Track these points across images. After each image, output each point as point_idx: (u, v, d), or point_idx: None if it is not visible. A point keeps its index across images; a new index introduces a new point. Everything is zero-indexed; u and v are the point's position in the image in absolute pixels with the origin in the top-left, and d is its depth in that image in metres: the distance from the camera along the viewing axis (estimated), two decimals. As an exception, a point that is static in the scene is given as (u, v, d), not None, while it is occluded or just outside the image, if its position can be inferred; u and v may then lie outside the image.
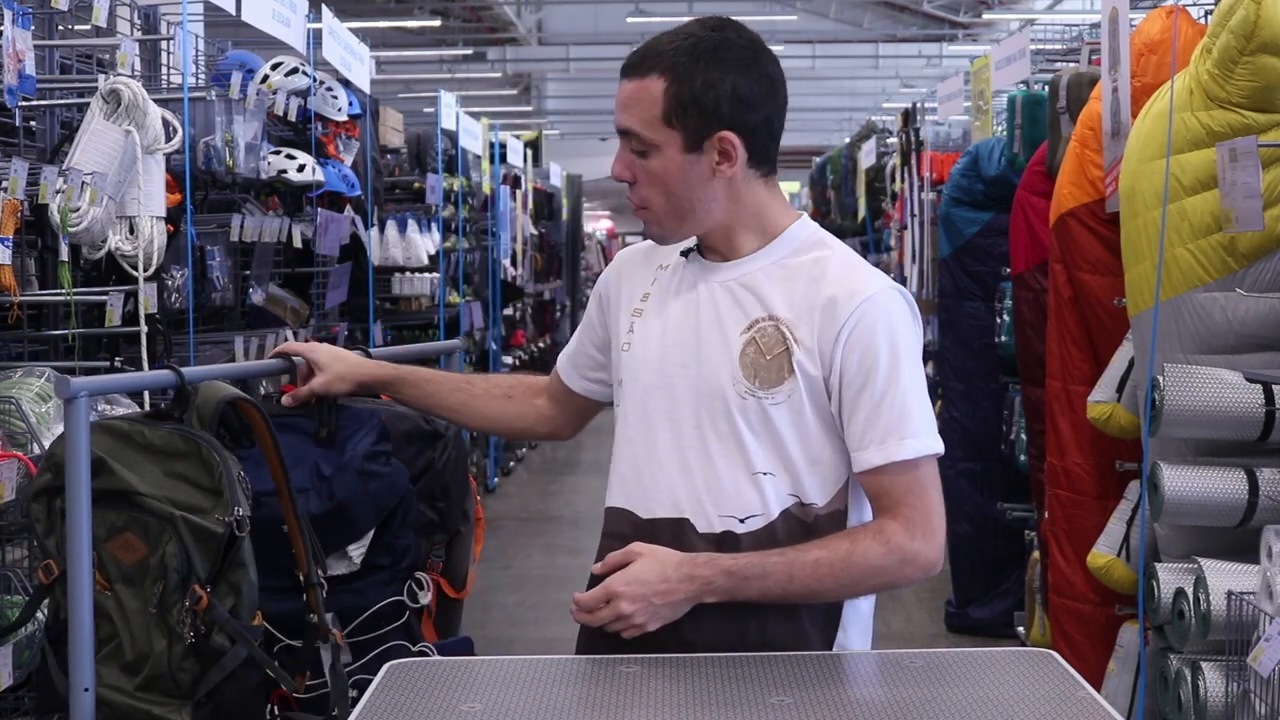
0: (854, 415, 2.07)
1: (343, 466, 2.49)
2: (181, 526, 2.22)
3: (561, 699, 1.87)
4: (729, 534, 2.08)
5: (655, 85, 2.06)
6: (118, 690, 2.24)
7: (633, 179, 2.11)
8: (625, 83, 2.09)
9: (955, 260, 6.19)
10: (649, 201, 2.12)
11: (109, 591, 2.27)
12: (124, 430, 2.29)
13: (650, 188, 2.11)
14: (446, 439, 2.71)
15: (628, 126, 2.09)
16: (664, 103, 2.06)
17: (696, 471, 2.10)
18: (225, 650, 2.20)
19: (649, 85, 2.07)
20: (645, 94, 2.07)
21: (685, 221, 2.13)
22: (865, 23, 23.80)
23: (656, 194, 2.11)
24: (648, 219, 2.15)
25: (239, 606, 2.21)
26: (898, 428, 2.05)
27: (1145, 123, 3.63)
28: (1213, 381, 3.27)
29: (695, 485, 2.10)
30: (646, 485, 2.13)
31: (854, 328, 2.06)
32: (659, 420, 2.13)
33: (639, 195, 2.12)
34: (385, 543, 2.55)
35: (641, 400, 2.15)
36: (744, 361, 2.09)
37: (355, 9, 18.14)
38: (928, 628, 6.31)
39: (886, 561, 2.04)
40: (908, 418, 2.06)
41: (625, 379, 2.18)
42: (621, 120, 2.10)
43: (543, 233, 14.17)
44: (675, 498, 2.10)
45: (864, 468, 2.07)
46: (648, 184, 2.11)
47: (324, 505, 2.43)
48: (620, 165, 2.12)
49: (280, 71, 5.30)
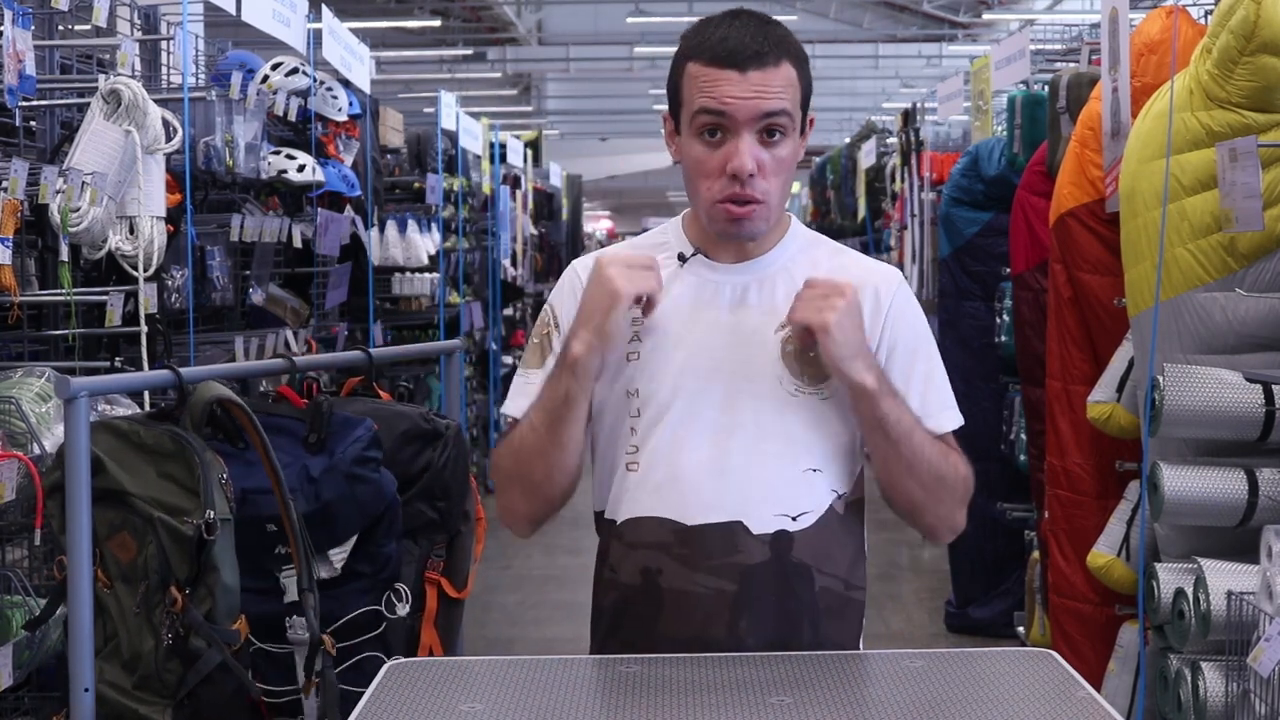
0: (909, 391, 2.11)
1: (330, 469, 2.47)
2: (159, 528, 2.22)
3: (561, 699, 1.87)
4: (783, 533, 2.07)
5: (791, 71, 2.06)
6: (116, 688, 2.25)
7: (758, 171, 2.05)
8: (758, 72, 2.03)
9: (955, 260, 6.19)
10: (770, 193, 2.07)
11: (109, 589, 2.27)
12: (123, 430, 2.30)
13: (776, 176, 2.07)
14: (446, 438, 2.71)
15: (784, 108, 2.04)
16: (800, 87, 2.07)
17: (746, 473, 2.07)
18: (202, 653, 2.20)
19: (786, 71, 2.05)
20: (786, 78, 2.05)
21: (780, 210, 2.13)
22: (865, 23, 23.80)
23: (779, 183, 2.08)
24: (761, 214, 2.07)
25: (214, 610, 2.21)
26: (943, 402, 2.15)
27: (1145, 123, 3.63)
28: (1212, 381, 3.27)
29: (745, 487, 2.07)
30: (687, 492, 2.07)
31: (896, 313, 2.13)
32: (697, 426, 2.08)
33: (761, 188, 2.06)
34: (367, 550, 2.54)
35: (671, 408, 2.09)
36: (787, 359, 2.08)
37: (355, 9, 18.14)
38: (928, 628, 6.31)
39: (966, 470, 2.14)
40: (947, 392, 2.16)
41: (642, 389, 2.11)
42: (774, 104, 2.03)
43: (543, 233, 14.18)
44: (724, 501, 2.07)
45: None
46: (775, 173, 2.06)
47: (309, 506, 2.41)
48: (750, 158, 2.03)
49: (280, 71, 5.30)
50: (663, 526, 2.09)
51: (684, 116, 2.09)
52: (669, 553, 2.07)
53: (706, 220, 2.11)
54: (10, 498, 2.77)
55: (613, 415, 2.14)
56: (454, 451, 2.71)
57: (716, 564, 2.03)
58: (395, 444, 2.67)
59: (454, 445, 2.72)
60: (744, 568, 2.03)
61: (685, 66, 2.08)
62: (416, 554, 2.69)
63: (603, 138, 32.39)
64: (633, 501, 2.11)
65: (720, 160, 2.05)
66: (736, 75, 2.03)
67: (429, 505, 2.69)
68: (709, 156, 2.06)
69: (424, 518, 2.69)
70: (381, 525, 2.53)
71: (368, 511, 2.49)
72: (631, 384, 2.11)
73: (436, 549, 2.72)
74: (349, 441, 2.51)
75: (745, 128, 2.03)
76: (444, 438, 2.70)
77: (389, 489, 2.55)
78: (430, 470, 2.68)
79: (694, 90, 2.06)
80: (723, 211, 2.07)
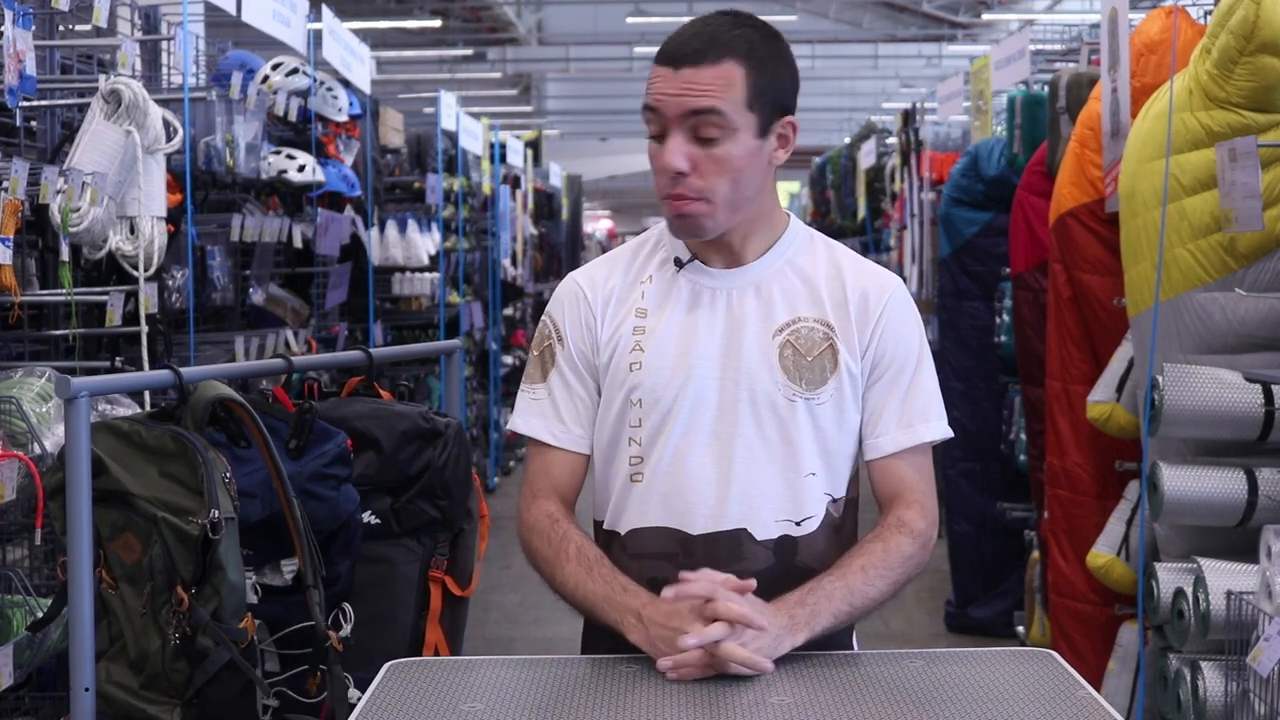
0: (887, 402, 2.11)
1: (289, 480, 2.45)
2: (164, 528, 2.22)
3: (561, 699, 1.87)
4: (786, 538, 2.08)
5: (733, 70, 2.04)
6: (123, 688, 2.25)
7: (690, 169, 2.05)
8: (691, 69, 2.03)
9: (955, 260, 6.19)
10: (710, 192, 2.05)
11: (114, 589, 2.28)
12: (124, 430, 2.30)
13: (716, 176, 2.05)
14: (446, 437, 2.70)
15: (712, 106, 2.02)
16: (745, 87, 2.04)
17: (749, 481, 2.07)
18: (209, 652, 2.21)
19: (726, 70, 2.04)
20: (725, 78, 2.03)
21: (738, 212, 2.09)
22: (865, 23, 23.80)
23: (722, 182, 2.05)
24: (702, 211, 2.06)
25: (221, 609, 2.21)
26: (926, 413, 2.13)
27: (1145, 123, 3.63)
28: (1212, 381, 3.28)
29: (749, 494, 2.07)
30: (691, 502, 2.08)
31: (888, 318, 2.12)
32: (698, 435, 2.08)
33: (695, 186, 2.05)
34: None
35: (672, 417, 2.09)
36: (784, 365, 2.08)
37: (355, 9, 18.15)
38: (928, 628, 6.31)
39: (913, 550, 2.08)
40: (933, 402, 2.14)
41: (644, 399, 2.10)
42: (700, 102, 2.02)
43: (543, 233, 14.18)
44: (728, 510, 2.07)
45: (887, 451, 2.12)
46: (713, 172, 2.05)
47: (261, 513, 2.37)
48: (679, 156, 2.03)
49: (280, 72, 5.30)
50: (668, 536, 2.09)
51: None
52: (674, 562, 2.06)
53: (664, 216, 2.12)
54: (11, 498, 2.77)
55: (614, 425, 2.13)
56: (455, 450, 2.71)
57: (722, 572, 2.03)
58: (395, 443, 2.66)
59: (455, 444, 2.71)
60: (749, 574, 2.03)
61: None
62: (420, 553, 2.69)
63: (603, 138, 32.38)
64: (637, 512, 2.12)
65: (662, 157, 2.06)
66: (670, 72, 2.04)
67: (431, 504, 2.68)
68: (657, 153, 2.08)
69: (426, 516, 2.68)
70: (335, 543, 2.50)
71: (319, 528, 2.46)
72: (633, 394, 2.11)
73: (440, 547, 2.72)
74: (314, 455, 2.49)
75: (674, 125, 2.04)
76: (444, 436, 2.70)
77: (347, 507, 2.52)
78: (431, 469, 2.68)
79: (646, 89, 2.09)
80: (667, 206, 2.08)
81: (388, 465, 2.66)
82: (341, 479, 2.53)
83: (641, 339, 2.11)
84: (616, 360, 2.12)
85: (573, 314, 2.16)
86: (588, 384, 2.16)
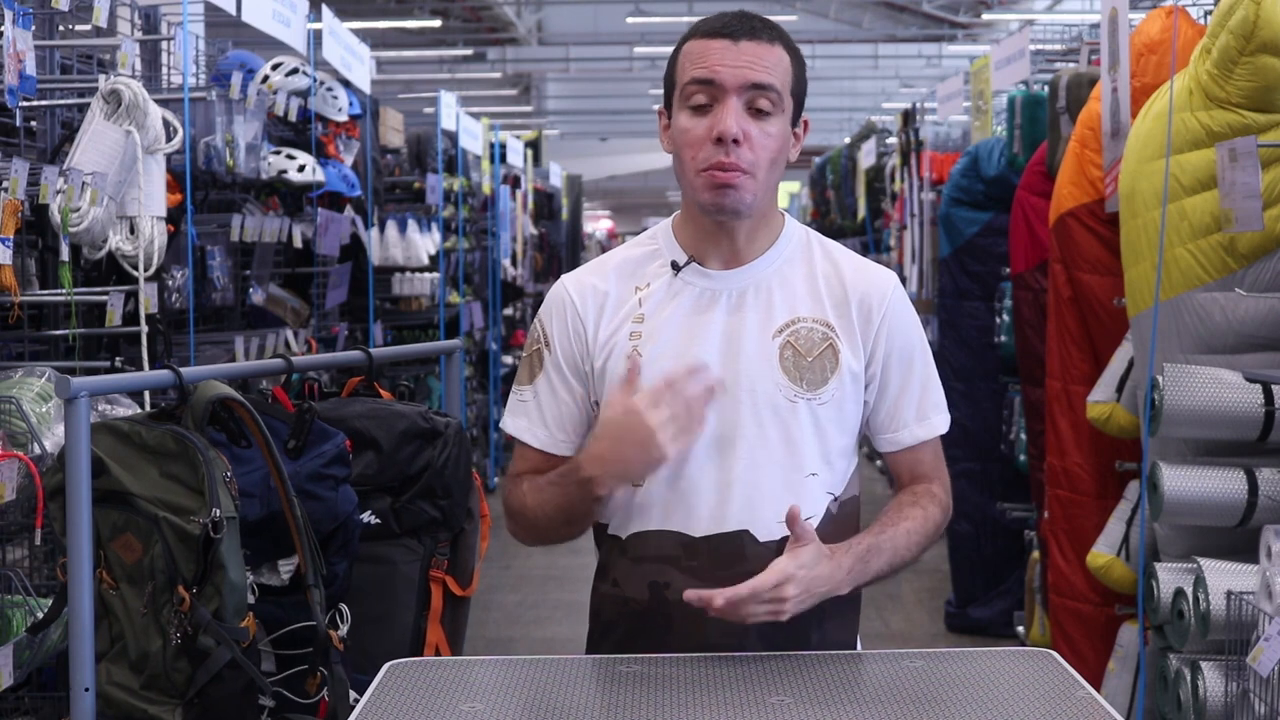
0: (900, 398, 2.14)
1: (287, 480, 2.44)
2: (165, 528, 2.22)
3: (561, 699, 1.87)
4: (788, 539, 2.06)
5: (783, 54, 2.07)
6: (124, 688, 2.25)
7: (743, 139, 2.03)
8: (751, 44, 2.03)
9: (955, 260, 6.19)
10: (756, 166, 2.04)
11: (114, 590, 2.28)
12: (125, 431, 2.30)
13: (763, 152, 2.04)
14: (446, 437, 2.70)
15: (768, 82, 2.03)
16: (791, 73, 2.07)
17: (750, 482, 2.07)
18: (211, 651, 2.21)
19: (779, 52, 2.06)
20: (779, 59, 2.06)
21: (764, 197, 2.09)
22: (865, 23, 23.80)
23: (765, 160, 2.05)
24: (745, 185, 2.04)
25: (222, 609, 2.21)
26: (935, 404, 2.18)
27: (1145, 123, 3.63)
28: (1212, 381, 3.28)
29: (750, 496, 2.07)
30: (693, 504, 2.08)
31: (890, 317, 2.13)
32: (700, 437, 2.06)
33: (746, 158, 2.03)
34: None
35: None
36: (784, 366, 2.08)
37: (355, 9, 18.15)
38: (928, 628, 6.31)
39: (941, 519, 2.18)
40: (940, 394, 2.19)
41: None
42: (758, 76, 2.02)
43: (543, 233, 14.18)
44: (729, 512, 2.07)
45: (907, 444, 2.17)
46: (763, 148, 2.04)
47: (258, 513, 2.37)
48: (735, 122, 2.02)
49: (280, 72, 5.30)
50: (670, 539, 2.09)
51: (676, 97, 2.09)
52: (677, 565, 2.07)
53: (692, 193, 2.08)
54: (10, 498, 2.77)
55: None
56: (455, 449, 2.71)
57: (724, 574, 2.02)
58: (394, 443, 2.66)
59: (455, 443, 2.71)
60: (752, 576, 2.03)
61: (681, 48, 2.10)
62: (421, 552, 2.69)
63: (603, 138, 32.38)
64: (639, 516, 2.11)
65: (707, 127, 2.04)
66: (729, 44, 2.04)
67: (431, 504, 2.68)
68: (696, 124, 2.05)
69: (426, 516, 2.68)
70: (333, 543, 2.50)
71: (316, 528, 2.46)
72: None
73: (441, 547, 2.71)
74: (312, 455, 2.49)
75: (733, 94, 2.03)
76: (444, 436, 2.70)
77: (344, 508, 2.52)
78: (430, 469, 2.67)
79: (686, 65, 2.07)
80: (707, 179, 2.05)
81: (387, 465, 2.66)
82: (339, 479, 2.52)
83: (639, 343, 2.10)
84: (613, 365, 2.12)
85: (560, 320, 2.16)
86: (574, 390, 2.16)
